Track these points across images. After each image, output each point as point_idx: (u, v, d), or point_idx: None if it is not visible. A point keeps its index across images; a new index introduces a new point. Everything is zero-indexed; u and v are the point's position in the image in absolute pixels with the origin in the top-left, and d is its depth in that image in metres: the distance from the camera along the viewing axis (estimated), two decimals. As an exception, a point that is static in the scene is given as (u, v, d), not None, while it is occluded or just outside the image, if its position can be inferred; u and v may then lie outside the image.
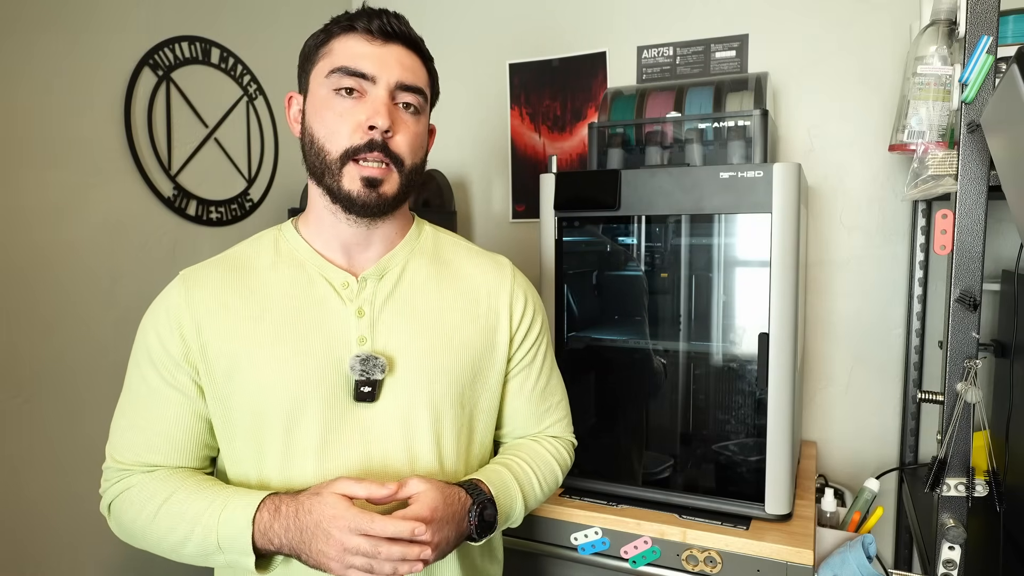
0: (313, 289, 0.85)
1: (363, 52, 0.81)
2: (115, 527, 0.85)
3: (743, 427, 1.25)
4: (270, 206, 1.73)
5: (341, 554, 0.71)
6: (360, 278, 0.86)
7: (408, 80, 0.83)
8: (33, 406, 1.21)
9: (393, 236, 0.90)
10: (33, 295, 1.21)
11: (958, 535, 0.99)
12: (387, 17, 0.83)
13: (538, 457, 0.96)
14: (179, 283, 0.85)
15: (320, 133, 0.81)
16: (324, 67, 0.82)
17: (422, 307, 0.88)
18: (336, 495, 0.74)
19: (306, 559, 0.74)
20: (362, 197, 0.81)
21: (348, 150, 0.80)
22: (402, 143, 0.82)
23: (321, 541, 0.72)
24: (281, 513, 0.75)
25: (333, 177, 0.81)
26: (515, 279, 0.96)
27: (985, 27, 0.94)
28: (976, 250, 0.98)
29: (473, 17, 1.92)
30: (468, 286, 0.92)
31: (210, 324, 0.82)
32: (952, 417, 1.00)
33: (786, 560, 1.11)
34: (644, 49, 1.73)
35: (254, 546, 0.75)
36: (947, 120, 1.06)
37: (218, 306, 0.82)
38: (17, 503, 1.19)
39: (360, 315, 0.84)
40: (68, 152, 1.27)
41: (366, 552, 0.71)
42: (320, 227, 0.87)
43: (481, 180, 1.95)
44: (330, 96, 0.81)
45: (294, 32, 1.78)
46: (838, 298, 1.60)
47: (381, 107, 0.80)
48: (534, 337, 0.97)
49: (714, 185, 1.17)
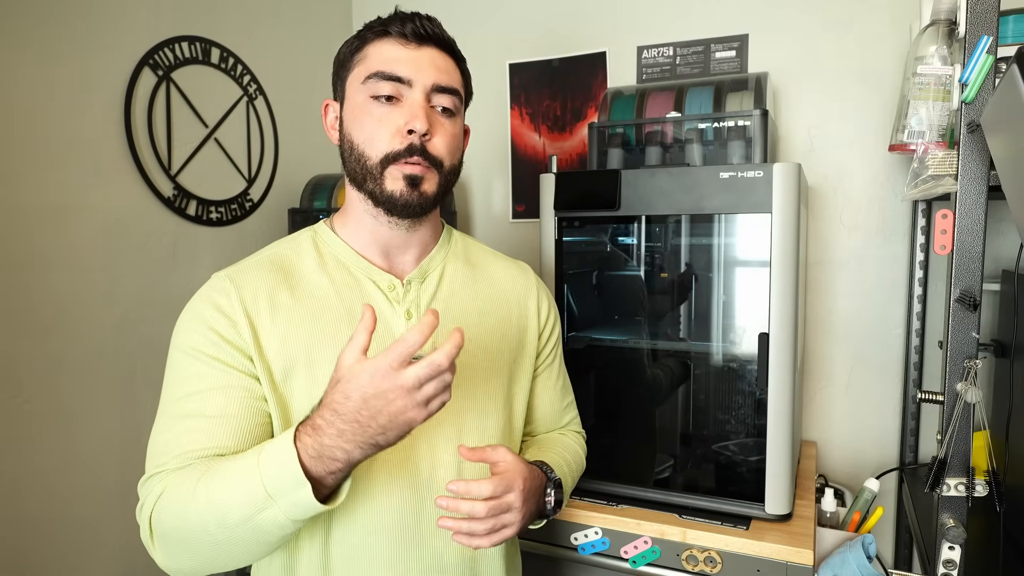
0: (362, 292, 0.85)
1: (398, 56, 0.81)
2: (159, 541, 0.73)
3: (743, 427, 1.25)
4: (270, 206, 1.73)
5: (408, 397, 0.64)
6: (405, 281, 0.87)
7: (443, 82, 0.83)
8: (33, 406, 1.21)
9: (428, 240, 0.91)
10: (33, 295, 1.21)
11: (958, 535, 0.99)
12: (420, 20, 0.83)
13: (571, 451, 1.01)
14: (224, 282, 0.80)
15: (359, 139, 0.82)
16: (360, 73, 0.82)
17: (462, 309, 0.90)
18: (350, 363, 0.65)
19: (387, 440, 0.66)
20: (405, 196, 0.81)
21: (388, 155, 0.80)
22: (440, 145, 0.83)
23: (382, 407, 0.64)
24: (321, 428, 0.66)
25: (375, 181, 0.81)
26: (539, 284, 1.02)
27: (985, 27, 0.94)
28: (976, 250, 0.98)
29: (473, 17, 1.92)
30: (500, 290, 0.96)
31: (265, 325, 0.79)
32: (952, 417, 1.00)
33: (786, 560, 1.11)
34: (644, 49, 1.73)
35: (308, 475, 0.65)
36: (947, 120, 1.06)
37: (269, 304, 0.80)
38: (17, 503, 1.19)
39: (408, 317, 0.85)
40: (68, 152, 1.27)
41: (428, 376, 0.64)
42: (359, 230, 0.87)
43: (481, 180, 1.95)
44: (367, 102, 0.81)
45: (294, 32, 1.78)
46: (838, 298, 1.60)
47: (419, 111, 0.80)
48: (556, 338, 1.03)
49: (714, 185, 1.17)
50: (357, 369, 0.64)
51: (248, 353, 0.78)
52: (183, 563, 0.73)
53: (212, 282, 0.82)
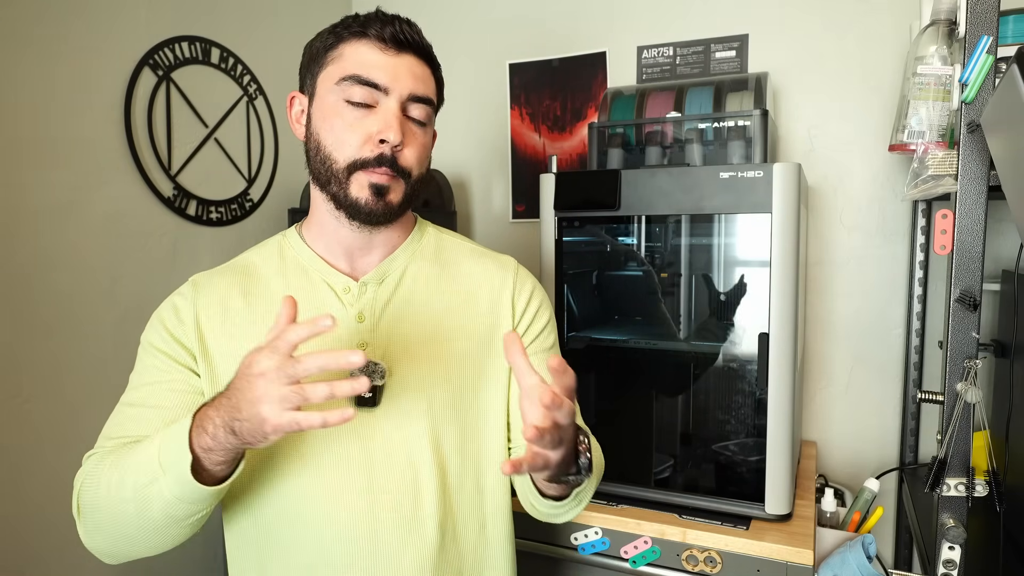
0: (315, 294, 0.84)
1: (375, 61, 0.79)
2: (81, 516, 0.76)
3: (743, 427, 1.25)
4: (270, 206, 1.73)
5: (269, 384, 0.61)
6: (360, 282, 0.86)
7: (420, 91, 0.82)
8: (33, 406, 1.21)
9: (395, 240, 0.90)
10: (33, 295, 1.21)
11: (958, 535, 0.99)
12: (400, 24, 0.81)
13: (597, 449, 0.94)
14: (188, 286, 0.85)
15: (327, 141, 0.80)
16: (333, 72, 0.80)
17: (421, 311, 0.87)
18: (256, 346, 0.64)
19: (241, 427, 0.63)
20: (369, 205, 0.80)
21: (356, 161, 0.79)
22: (410, 156, 0.82)
23: (245, 386, 0.63)
24: (210, 403, 0.67)
25: (340, 185, 0.80)
26: (518, 274, 0.95)
27: (985, 27, 0.94)
28: (976, 250, 0.98)
29: (473, 17, 1.92)
30: (468, 285, 0.91)
31: (213, 326, 0.82)
32: (952, 417, 1.00)
33: (786, 560, 1.11)
34: (644, 49, 1.73)
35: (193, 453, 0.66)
36: (947, 120, 1.06)
37: (222, 309, 0.83)
38: (17, 503, 1.19)
39: (360, 320, 0.84)
40: (68, 152, 1.27)
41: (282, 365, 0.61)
42: (322, 232, 0.86)
43: (481, 180, 1.95)
44: (339, 104, 0.79)
45: (294, 32, 1.78)
46: (838, 298, 1.60)
47: (393, 120, 0.79)
48: (538, 332, 0.95)
49: (714, 185, 1.17)
50: (255, 351, 0.64)
51: (192, 351, 0.81)
52: (96, 541, 0.76)
53: (181, 287, 0.86)
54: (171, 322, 0.82)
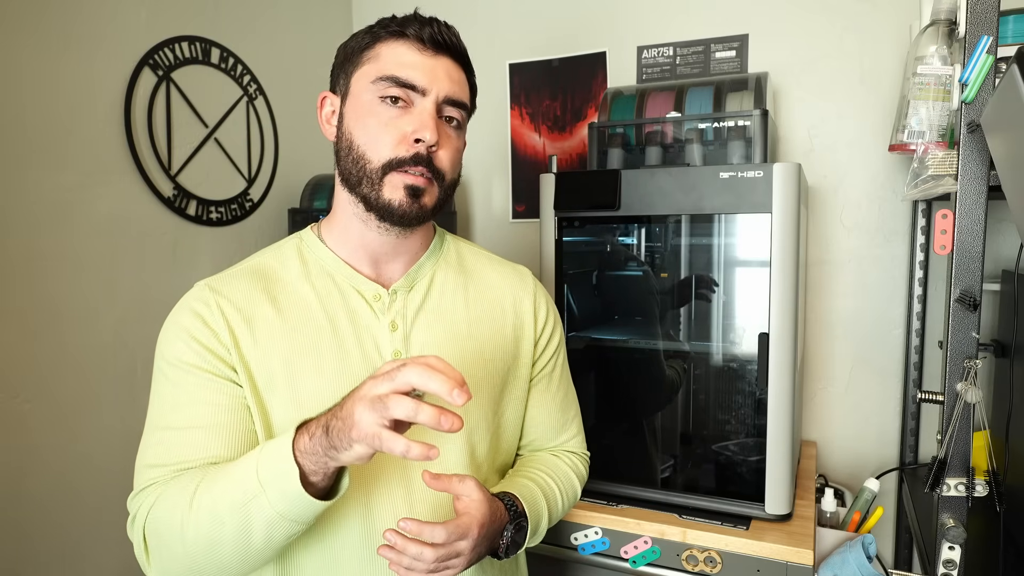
0: (345, 302, 0.82)
1: (413, 62, 0.78)
2: (154, 552, 0.72)
3: (743, 427, 1.25)
4: (270, 206, 1.73)
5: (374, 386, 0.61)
6: (391, 290, 0.84)
7: (456, 94, 0.81)
8: (33, 406, 1.21)
9: (418, 247, 0.88)
10: (33, 295, 1.21)
11: (958, 535, 0.99)
12: (438, 26, 0.80)
13: (561, 473, 0.94)
14: (206, 292, 0.79)
15: (360, 140, 0.78)
16: (369, 71, 0.79)
17: (451, 318, 0.87)
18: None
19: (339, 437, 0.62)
20: (403, 207, 0.78)
21: (392, 161, 0.77)
22: (445, 158, 0.81)
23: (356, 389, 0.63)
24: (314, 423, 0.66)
25: (372, 186, 0.78)
26: (537, 287, 0.97)
27: (985, 27, 0.94)
28: (976, 250, 0.98)
29: (473, 17, 1.92)
30: (494, 296, 0.92)
31: (244, 337, 0.77)
32: (952, 417, 1.00)
33: (786, 560, 1.11)
34: (644, 49, 1.73)
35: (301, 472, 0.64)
36: (947, 120, 1.06)
37: (251, 318, 0.78)
38: (17, 503, 1.19)
39: (393, 328, 0.83)
40: (68, 152, 1.27)
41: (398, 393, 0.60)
42: (346, 235, 0.84)
43: (481, 180, 1.95)
44: (375, 102, 0.78)
45: (294, 32, 1.78)
46: (838, 298, 1.60)
47: (429, 120, 0.78)
48: (555, 346, 0.97)
49: (714, 185, 1.17)
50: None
51: (231, 363, 0.76)
52: (176, 573, 0.72)
53: (193, 291, 0.80)
54: (202, 334, 0.76)
